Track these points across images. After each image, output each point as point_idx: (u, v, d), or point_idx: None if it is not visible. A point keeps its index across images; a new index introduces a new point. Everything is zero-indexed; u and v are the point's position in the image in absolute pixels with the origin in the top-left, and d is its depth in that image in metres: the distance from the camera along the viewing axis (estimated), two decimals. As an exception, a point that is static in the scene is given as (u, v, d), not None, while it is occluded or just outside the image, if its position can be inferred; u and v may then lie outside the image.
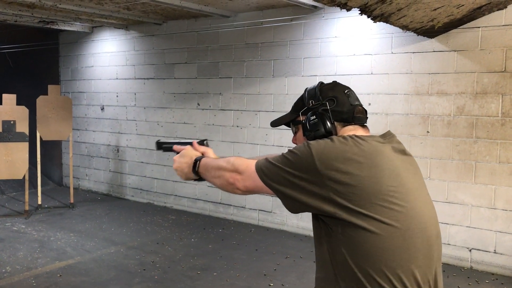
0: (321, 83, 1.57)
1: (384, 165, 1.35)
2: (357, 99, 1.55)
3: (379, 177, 1.32)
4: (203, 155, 1.70)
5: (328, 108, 1.49)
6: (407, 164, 1.44)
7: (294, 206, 1.38)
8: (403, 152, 1.48)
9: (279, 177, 1.37)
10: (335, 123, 1.49)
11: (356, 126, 1.51)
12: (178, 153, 1.76)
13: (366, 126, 1.56)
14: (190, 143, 1.77)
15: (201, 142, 1.78)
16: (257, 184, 1.42)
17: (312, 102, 1.53)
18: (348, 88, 1.56)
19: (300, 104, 1.58)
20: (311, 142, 1.38)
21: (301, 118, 1.56)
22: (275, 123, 1.66)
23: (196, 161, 1.64)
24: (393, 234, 1.29)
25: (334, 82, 1.59)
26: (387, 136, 1.49)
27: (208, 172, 1.59)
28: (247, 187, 1.46)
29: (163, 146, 1.89)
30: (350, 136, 1.40)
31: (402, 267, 1.29)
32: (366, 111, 1.58)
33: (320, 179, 1.31)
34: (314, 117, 1.50)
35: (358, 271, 1.29)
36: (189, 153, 1.70)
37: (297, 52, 5.81)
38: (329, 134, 1.47)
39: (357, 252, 1.30)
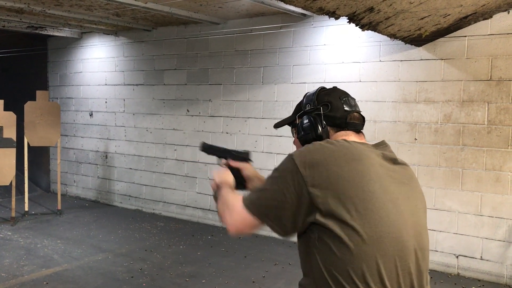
0: (320, 88, 1.61)
1: (365, 171, 1.35)
2: (354, 106, 1.57)
3: (357, 182, 1.32)
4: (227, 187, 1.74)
5: (322, 113, 1.52)
6: (394, 173, 1.43)
7: (283, 227, 1.39)
8: (394, 161, 1.47)
9: (266, 203, 1.39)
10: (328, 128, 1.52)
11: (349, 132, 1.52)
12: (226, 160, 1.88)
13: (361, 132, 1.56)
14: (243, 158, 1.86)
15: (241, 156, 1.85)
16: (249, 223, 1.44)
17: (308, 106, 1.57)
18: (345, 94, 1.59)
19: (298, 108, 1.64)
20: (293, 153, 1.40)
21: (298, 121, 1.61)
22: (278, 125, 1.73)
23: (218, 187, 1.74)
24: (361, 241, 1.29)
25: (333, 88, 1.62)
26: (381, 145, 1.50)
27: (218, 206, 1.65)
28: (239, 230, 1.49)
29: (209, 149, 1.95)
30: (337, 140, 1.42)
31: (370, 272, 1.28)
32: (363, 117, 1.58)
33: (304, 185, 1.33)
34: (307, 121, 1.54)
35: (328, 277, 1.31)
36: (226, 176, 1.79)
37: (287, 60, 5.84)
38: (319, 138, 1.50)
39: (328, 258, 1.31)
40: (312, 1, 3.02)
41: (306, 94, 1.63)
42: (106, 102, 7.71)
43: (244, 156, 1.85)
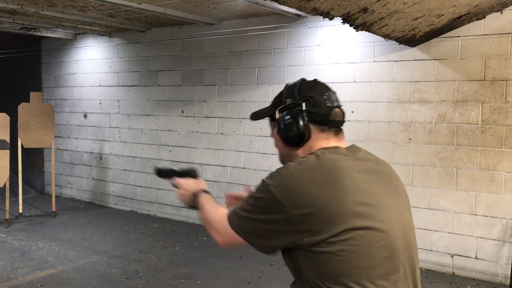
0: (301, 81, 1.54)
1: (345, 184, 1.32)
2: (336, 101, 1.51)
3: (342, 199, 1.29)
4: (204, 192, 1.76)
5: (304, 108, 1.46)
6: (373, 175, 1.41)
7: (270, 250, 1.42)
8: (369, 163, 1.44)
9: (251, 228, 1.39)
10: (310, 124, 1.46)
11: (330, 135, 1.48)
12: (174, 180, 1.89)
13: (341, 130, 1.52)
14: (188, 173, 1.88)
15: (189, 173, 1.88)
16: (237, 240, 1.44)
17: (289, 100, 1.50)
18: (327, 88, 1.53)
19: (278, 100, 1.56)
20: (269, 181, 1.36)
21: (278, 115, 1.53)
22: (254, 116, 1.64)
23: (198, 193, 1.74)
24: (354, 253, 1.28)
25: (314, 81, 1.55)
26: (352, 149, 1.47)
27: (201, 217, 1.65)
28: (229, 245, 1.50)
29: (161, 174, 2.01)
30: (316, 155, 1.38)
31: (361, 279, 1.28)
32: (343, 113, 1.53)
33: (287, 215, 1.31)
34: (289, 117, 1.47)
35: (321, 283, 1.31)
36: (193, 184, 1.82)
37: (281, 60, 5.84)
38: (301, 135, 1.45)
39: (317, 270, 1.31)
40: (306, 2, 3.03)
41: (287, 85, 1.56)
42: (100, 103, 7.68)
43: (190, 173, 1.89)
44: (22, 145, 6.70)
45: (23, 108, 6.70)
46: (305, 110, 1.46)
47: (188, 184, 1.82)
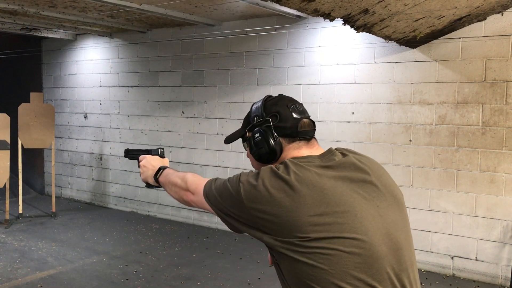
0: (266, 98, 1.55)
1: (311, 192, 1.31)
2: (303, 112, 1.51)
3: (300, 208, 1.29)
4: (167, 167, 1.83)
5: (271, 124, 1.47)
6: (345, 182, 1.38)
7: (235, 230, 1.44)
8: (349, 166, 1.41)
9: (219, 204, 1.43)
10: (280, 138, 1.47)
11: (301, 143, 1.48)
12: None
13: (313, 138, 1.51)
14: (155, 153, 1.96)
15: (156, 151, 1.96)
16: (205, 206, 1.50)
17: (257, 118, 1.52)
18: (292, 101, 1.53)
19: (247, 120, 1.58)
20: (242, 179, 1.38)
21: (248, 134, 1.55)
22: (228, 140, 1.66)
23: (160, 169, 1.81)
24: (320, 259, 1.27)
25: (279, 96, 1.56)
26: (326, 156, 1.45)
27: (166, 184, 1.73)
28: (198, 206, 1.55)
29: (129, 154, 2.09)
30: (286, 164, 1.38)
31: (329, 284, 1.27)
32: (313, 123, 1.53)
33: (249, 215, 1.34)
34: (258, 134, 1.49)
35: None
36: (156, 161, 1.88)
37: (282, 61, 5.84)
38: (272, 151, 1.46)
39: (290, 272, 1.32)
40: (307, 3, 3.03)
41: (253, 105, 1.58)
42: (100, 104, 7.68)
43: (157, 153, 1.97)
44: (22, 145, 6.70)
45: (24, 109, 6.70)
46: (273, 126, 1.47)
47: (153, 159, 1.88)
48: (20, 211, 6.77)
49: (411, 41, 4.71)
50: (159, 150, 1.96)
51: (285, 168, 1.37)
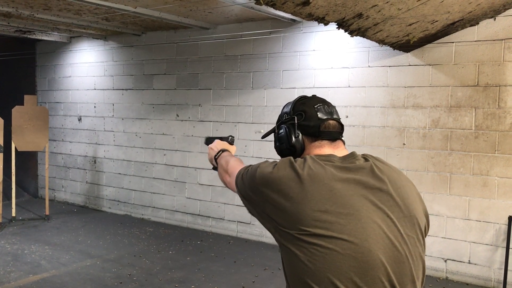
0: (299, 98, 1.61)
1: (320, 188, 1.33)
2: (330, 113, 1.53)
3: (308, 202, 1.32)
4: (227, 151, 1.97)
5: (296, 122, 1.54)
6: (358, 186, 1.37)
7: (251, 213, 1.52)
8: (367, 173, 1.41)
9: (241, 187, 1.52)
10: (304, 137, 1.53)
11: (323, 143, 1.50)
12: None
13: (338, 140, 1.53)
14: (226, 139, 2.14)
15: (227, 138, 2.15)
16: (234, 188, 1.61)
17: (286, 115, 1.60)
18: (322, 102, 1.56)
19: (279, 117, 1.67)
20: (262, 165, 1.47)
21: (277, 130, 1.65)
22: (264, 136, 1.88)
23: (219, 152, 1.96)
24: (315, 256, 1.28)
25: (311, 96, 1.60)
26: (347, 158, 1.45)
27: (219, 165, 1.87)
28: (230, 188, 1.68)
29: (209, 141, 2.25)
30: (305, 159, 1.41)
31: (323, 283, 1.28)
32: (341, 125, 1.54)
33: (260, 199, 1.41)
34: (282, 130, 1.58)
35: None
36: (221, 145, 2.03)
37: (276, 65, 5.86)
38: (293, 147, 1.53)
39: (290, 269, 1.34)
40: (302, 7, 3.05)
41: (287, 103, 1.66)
42: (95, 106, 7.67)
43: (227, 139, 2.16)
44: (15, 148, 6.67)
45: (17, 111, 6.67)
46: (297, 124, 1.54)
47: (220, 143, 2.04)
48: (13, 214, 6.73)
49: (405, 45, 4.74)
50: (230, 137, 2.16)
51: (302, 162, 1.41)
